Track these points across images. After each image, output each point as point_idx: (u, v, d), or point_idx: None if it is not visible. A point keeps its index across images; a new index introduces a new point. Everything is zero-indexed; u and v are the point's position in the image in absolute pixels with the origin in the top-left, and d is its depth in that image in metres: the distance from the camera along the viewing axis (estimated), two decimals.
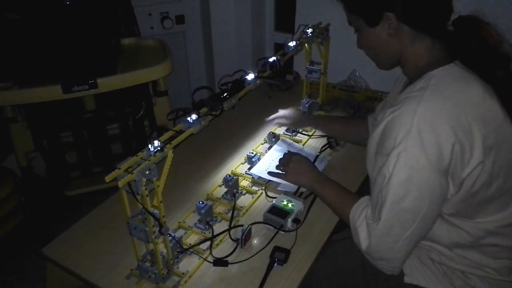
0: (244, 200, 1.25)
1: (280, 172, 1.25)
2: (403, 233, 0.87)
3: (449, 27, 0.91)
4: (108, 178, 0.80)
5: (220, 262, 1.03)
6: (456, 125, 0.81)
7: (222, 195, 1.25)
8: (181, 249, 1.04)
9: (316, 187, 1.15)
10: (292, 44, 1.40)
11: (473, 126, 0.82)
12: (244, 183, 1.32)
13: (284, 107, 1.73)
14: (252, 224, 1.12)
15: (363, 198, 1.00)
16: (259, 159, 1.40)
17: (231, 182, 1.22)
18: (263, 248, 1.07)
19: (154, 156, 0.87)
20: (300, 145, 1.50)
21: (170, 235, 0.98)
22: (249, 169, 1.37)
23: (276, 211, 1.15)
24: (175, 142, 0.92)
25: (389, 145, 0.84)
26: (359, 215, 0.95)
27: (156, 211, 0.89)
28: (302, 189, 1.27)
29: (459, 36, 0.89)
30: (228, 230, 1.11)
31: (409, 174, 0.82)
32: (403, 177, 0.83)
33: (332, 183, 1.14)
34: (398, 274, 0.94)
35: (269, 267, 1.02)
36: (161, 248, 0.97)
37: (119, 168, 0.82)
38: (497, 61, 0.86)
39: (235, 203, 1.21)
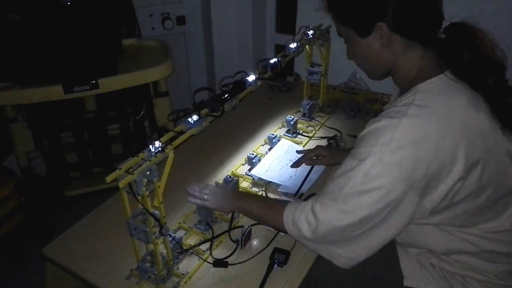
0: None
1: (202, 201, 1.10)
2: (356, 230, 0.86)
3: (440, 34, 0.89)
4: (109, 179, 0.80)
5: (220, 263, 1.03)
6: (437, 142, 0.80)
7: None
8: (181, 250, 1.04)
9: (240, 204, 1.09)
10: (293, 45, 1.40)
11: (456, 143, 0.81)
12: (244, 184, 1.32)
13: (284, 108, 1.74)
14: (252, 225, 1.12)
15: (294, 201, 0.99)
16: (259, 160, 1.40)
17: (232, 183, 1.21)
18: (263, 250, 1.07)
19: (155, 157, 0.87)
20: (300, 147, 1.50)
21: (170, 236, 0.98)
22: (250, 170, 1.37)
23: None
24: (175, 143, 0.92)
25: (364, 151, 0.83)
26: (296, 209, 0.94)
27: (156, 212, 0.90)
28: (303, 191, 1.27)
29: (450, 43, 0.88)
30: (228, 231, 1.11)
31: (380, 184, 0.81)
32: (373, 185, 0.82)
33: (257, 196, 1.13)
34: (349, 268, 0.92)
35: (269, 269, 1.02)
36: (161, 248, 0.97)
37: (120, 169, 0.82)
38: (488, 69, 0.85)
39: None
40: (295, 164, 1.38)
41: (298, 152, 1.45)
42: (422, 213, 0.87)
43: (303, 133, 1.58)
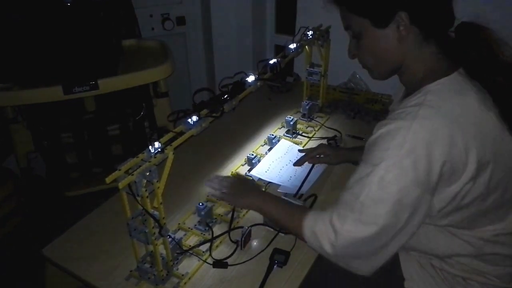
0: None
1: (220, 193, 1.11)
2: (377, 243, 0.84)
3: (451, 34, 0.88)
4: (108, 179, 0.80)
5: (219, 263, 1.03)
6: (450, 143, 0.79)
7: None
8: (180, 251, 1.04)
9: (259, 204, 1.07)
10: (292, 46, 1.40)
11: (468, 144, 0.80)
12: None
13: (284, 109, 1.74)
14: (252, 225, 1.12)
15: (315, 212, 0.96)
16: (259, 160, 1.40)
17: None
18: (263, 250, 1.07)
19: (155, 157, 0.87)
20: (300, 147, 1.50)
21: (170, 237, 0.98)
22: (249, 170, 1.37)
23: None
24: (175, 143, 0.92)
25: (377, 156, 0.82)
26: (316, 221, 0.90)
27: (156, 213, 0.89)
28: (302, 191, 1.27)
29: (461, 42, 0.87)
30: (228, 231, 1.11)
31: (397, 189, 0.80)
32: (389, 191, 0.80)
33: (278, 198, 1.09)
34: (369, 275, 0.91)
35: (269, 269, 1.02)
36: (161, 249, 0.97)
37: (120, 170, 0.82)
38: (499, 69, 0.85)
39: None
40: (298, 162, 1.38)
41: (300, 151, 1.45)
42: (430, 212, 0.86)
43: (303, 134, 1.58)
